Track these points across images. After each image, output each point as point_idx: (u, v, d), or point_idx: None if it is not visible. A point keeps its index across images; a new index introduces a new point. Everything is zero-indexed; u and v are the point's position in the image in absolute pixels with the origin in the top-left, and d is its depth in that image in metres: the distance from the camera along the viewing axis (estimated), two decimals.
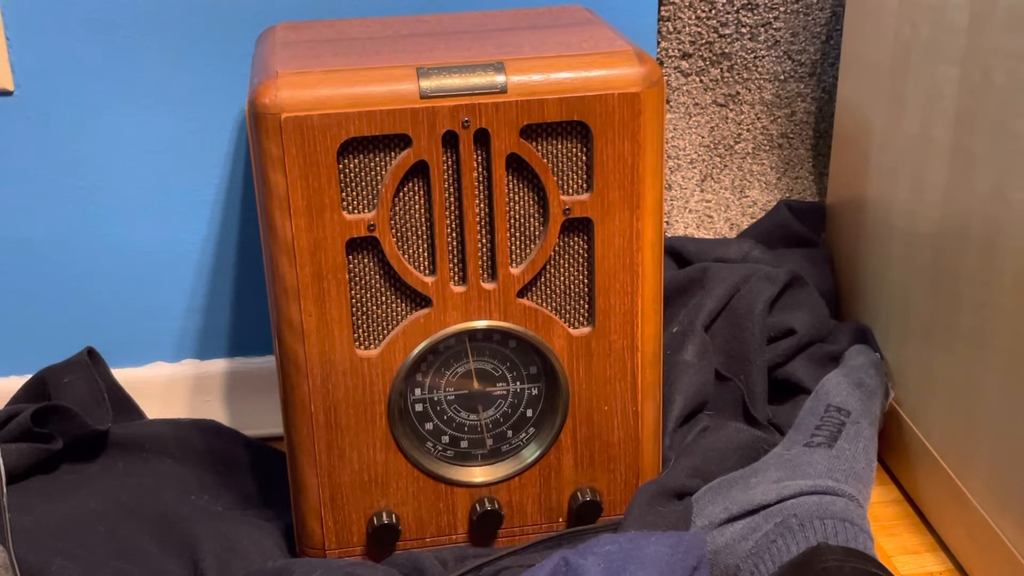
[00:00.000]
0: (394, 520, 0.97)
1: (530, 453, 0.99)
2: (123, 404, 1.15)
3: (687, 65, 1.25)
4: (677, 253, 1.25)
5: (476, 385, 0.97)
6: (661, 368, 1.00)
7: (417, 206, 0.91)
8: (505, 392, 0.97)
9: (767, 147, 1.30)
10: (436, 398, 0.97)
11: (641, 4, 1.19)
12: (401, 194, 0.91)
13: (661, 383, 1.00)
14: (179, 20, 1.11)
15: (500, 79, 0.88)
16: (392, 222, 0.91)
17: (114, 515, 1.02)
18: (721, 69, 1.26)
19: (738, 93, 1.27)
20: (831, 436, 1.03)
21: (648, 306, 0.96)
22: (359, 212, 0.90)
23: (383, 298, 0.93)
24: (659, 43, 1.23)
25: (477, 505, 0.99)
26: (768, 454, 1.04)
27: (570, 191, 0.92)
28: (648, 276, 0.95)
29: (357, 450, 0.96)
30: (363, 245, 0.91)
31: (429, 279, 0.92)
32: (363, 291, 0.93)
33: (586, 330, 0.96)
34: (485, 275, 0.94)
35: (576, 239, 0.94)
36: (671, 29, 1.23)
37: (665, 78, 1.25)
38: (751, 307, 1.14)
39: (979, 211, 0.95)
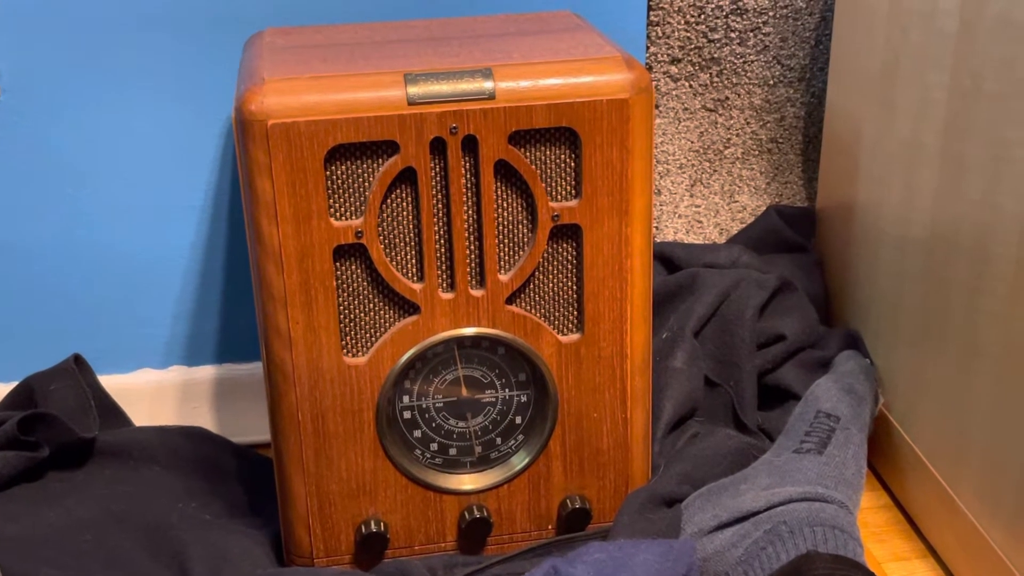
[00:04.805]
0: (382, 528, 0.97)
1: (519, 460, 0.99)
2: (110, 411, 1.15)
3: (676, 70, 1.25)
4: (666, 259, 1.25)
5: (465, 392, 0.97)
6: (650, 375, 0.99)
7: (405, 213, 0.91)
8: (494, 399, 0.97)
9: (757, 152, 1.30)
10: (424, 405, 0.96)
11: (630, 9, 1.19)
12: (389, 201, 0.90)
13: (650, 390, 1.00)
14: (167, 25, 1.11)
15: (488, 85, 0.88)
16: (380, 229, 0.91)
17: (102, 523, 1.01)
18: (710, 74, 1.26)
19: (727, 98, 1.27)
20: (821, 442, 1.03)
21: (637, 312, 0.96)
22: (347, 219, 0.90)
23: (371, 305, 0.93)
24: (648, 48, 1.23)
25: (466, 513, 0.98)
26: (758, 460, 1.04)
27: (559, 197, 0.92)
28: (637, 282, 0.95)
29: (345, 458, 0.95)
30: (351, 252, 0.91)
31: (417, 286, 0.92)
32: (351, 298, 0.92)
33: (575, 337, 0.96)
34: (473, 282, 0.93)
35: (565, 246, 0.94)
36: (660, 34, 1.23)
37: (654, 83, 1.24)
38: (741, 313, 1.14)
39: (969, 217, 0.95)
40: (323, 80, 0.88)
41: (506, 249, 0.93)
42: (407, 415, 0.96)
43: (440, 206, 0.91)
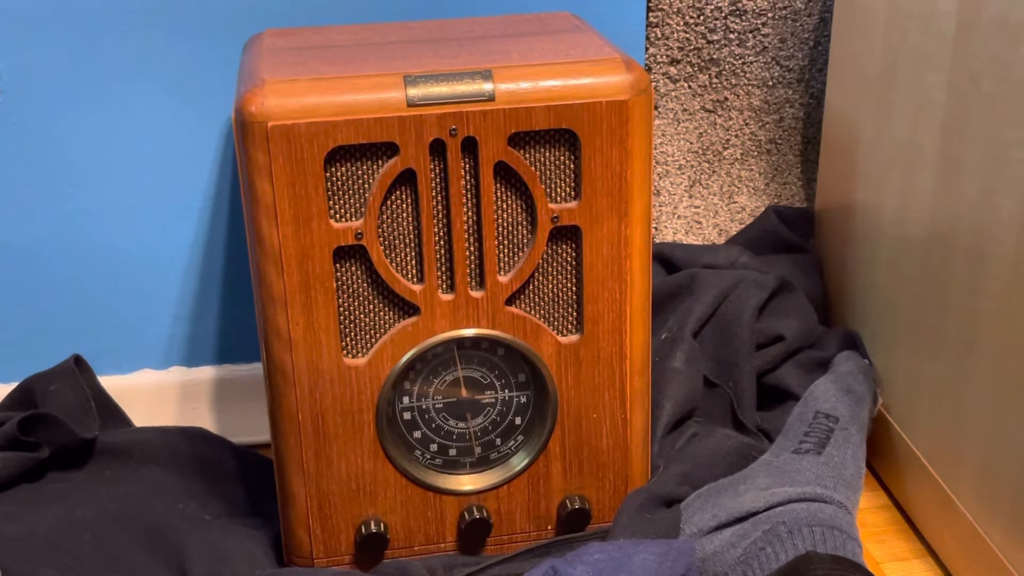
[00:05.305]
0: (382, 529, 0.97)
1: (519, 461, 0.99)
2: (110, 412, 1.15)
3: (675, 71, 1.25)
4: (666, 259, 1.25)
5: (464, 393, 0.97)
6: (650, 375, 1.00)
7: (405, 214, 0.91)
8: (493, 400, 0.97)
9: (755, 153, 1.30)
10: (424, 406, 0.96)
11: (629, 11, 1.19)
12: (389, 202, 0.90)
13: (650, 390, 1.00)
14: (167, 25, 1.11)
15: (488, 87, 0.88)
16: (380, 230, 0.91)
17: (101, 524, 1.01)
18: (709, 75, 1.26)
19: (726, 99, 1.27)
20: (820, 443, 1.03)
21: (636, 313, 0.96)
22: (347, 220, 0.90)
23: (371, 306, 0.93)
24: (647, 49, 1.23)
25: (466, 513, 0.98)
26: (757, 461, 1.04)
27: (558, 199, 0.92)
28: (636, 283, 0.95)
29: (345, 459, 0.95)
30: (351, 253, 0.91)
31: (417, 287, 0.92)
32: (351, 299, 0.92)
33: (575, 338, 0.96)
34: (473, 283, 0.93)
35: (564, 247, 0.94)
36: (659, 35, 1.23)
37: (653, 84, 1.25)
38: (740, 313, 1.14)
39: (967, 218, 0.95)
40: (323, 82, 0.88)
41: (506, 250, 0.93)
42: (407, 416, 0.96)
43: (440, 207, 0.91)
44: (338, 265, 0.91)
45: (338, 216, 0.90)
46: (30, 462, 1.05)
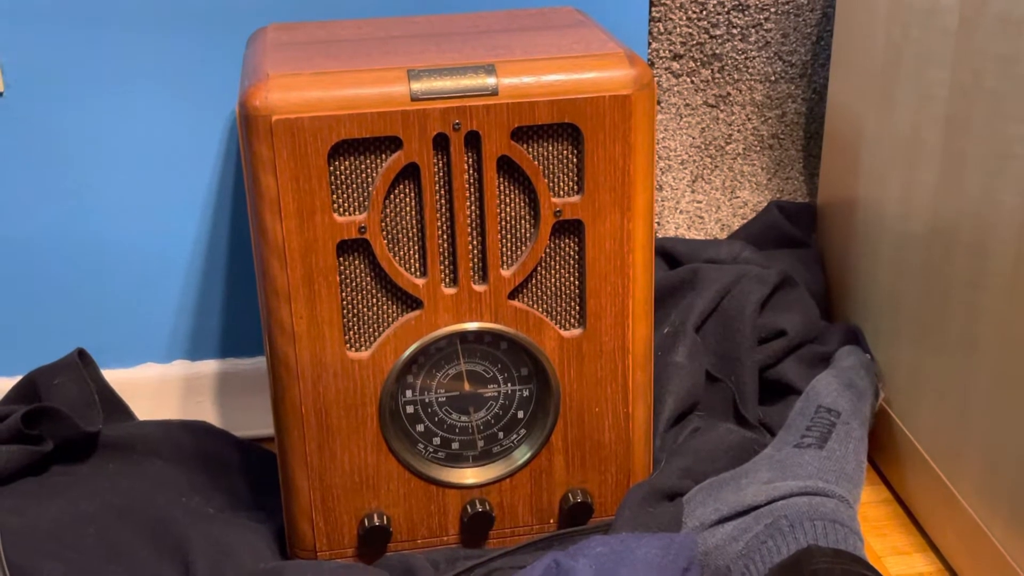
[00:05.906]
0: (385, 522, 0.97)
1: (521, 454, 0.99)
2: (114, 405, 1.15)
3: (678, 66, 1.25)
4: (668, 254, 1.25)
5: (467, 387, 0.97)
6: (652, 369, 1.00)
7: (408, 208, 0.91)
8: (496, 394, 0.98)
9: (758, 148, 1.30)
10: (427, 400, 0.97)
11: (632, 5, 1.20)
12: (392, 196, 0.91)
13: (652, 384, 1.00)
14: (170, 21, 1.11)
15: (491, 81, 0.88)
16: (383, 224, 0.91)
17: (105, 517, 1.02)
18: (712, 70, 1.26)
19: (729, 94, 1.27)
20: (821, 437, 1.03)
21: (639, 308, 0.96)
22: (350, 214, 0.90)
23: (374, 300, 0.93)
24: (650, 44, 1.24)
25: (468, 506, 0.99)
26: (759, 455, 1.04)
27: (561, 193, 0.92)
28: (639, 278, 0.95)
29: (348, 452, 0.96)
30: (354, 247, 0.91)
31: (420, 281, 0.92)
32: (354, 293, 0.93)
33: (577, 332, 0.96)
34: (476, 277, 0.94)
35: (567, 241, 0.94)
36: (662, 30, 1.23)
37: (656, 79, 1.25)
38: (742, 308, 1.15)
39: (969, 213, 0.95)
40: (327, 76, 0.88)
41: (508, 244, 0.93)
42: (410, 409, 0.97)
43: (443, 202, 0.91)
44: (341, 259, 0.91)
45: (341, 210, 0.90)
46: (34, 455, 1.05)
